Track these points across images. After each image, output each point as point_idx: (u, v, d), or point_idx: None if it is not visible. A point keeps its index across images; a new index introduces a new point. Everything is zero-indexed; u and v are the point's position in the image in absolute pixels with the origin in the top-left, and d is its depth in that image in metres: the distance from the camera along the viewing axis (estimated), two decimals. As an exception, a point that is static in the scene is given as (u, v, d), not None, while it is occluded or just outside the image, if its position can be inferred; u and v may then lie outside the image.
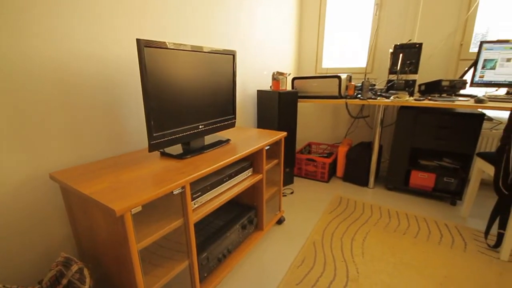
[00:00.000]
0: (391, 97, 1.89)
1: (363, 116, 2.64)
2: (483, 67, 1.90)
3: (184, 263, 0.99)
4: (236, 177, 1.29)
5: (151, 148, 0.99)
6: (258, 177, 1.40)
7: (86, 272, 0.88)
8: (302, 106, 2.99)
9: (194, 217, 0.98)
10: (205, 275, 1.15)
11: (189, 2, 1.48)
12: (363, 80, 2.02)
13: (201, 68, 1.18)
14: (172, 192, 0.86)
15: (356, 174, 2.31)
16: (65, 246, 1.08)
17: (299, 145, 3.07)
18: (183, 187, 0.90)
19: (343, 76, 2.05)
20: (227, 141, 1.37)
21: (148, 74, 0.93)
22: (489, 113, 2.08)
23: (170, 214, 0.95)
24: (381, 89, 2.22)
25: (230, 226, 1.31)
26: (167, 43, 0.99)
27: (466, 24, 2.06)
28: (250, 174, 1.41)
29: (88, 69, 1.06)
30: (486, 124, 2.09)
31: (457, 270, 1.31)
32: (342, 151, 2.37)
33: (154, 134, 0.99)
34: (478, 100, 1.62)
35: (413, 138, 1.96)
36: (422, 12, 2.16)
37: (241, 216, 1.41)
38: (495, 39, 1.89)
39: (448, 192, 1.94)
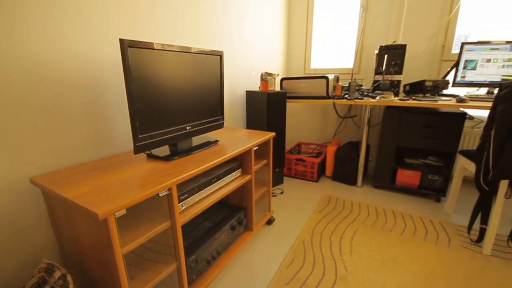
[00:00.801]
0: (377, 97, 1.93)
1: (350, 116, 2.68)
2: (464, 68, 1.96)
3: (172, 266, 0.98)
4: (225, 178, 1.28)
5: (137, 150, 0.97)
6: (247, 178, 1.40)
7: (69, 278, 0.85)
8: (292, 106, 3.01)
9: (181, 219, 0.97)
10: (194, 277, 1.14)
11: (178, 2, 1.46)
12: (350, 80, 2.05)
13: (188, 68, 1.17)
14: (158, 194, 0.85)
15: (344, 173, 2.34)
16: (48, 252, 1.05)
17: (289, 145, 3.09)
18: (169, 189, 0.89)
19: (331, 77, 2.08)
20: (215, 142, 1.37)
21: (132, 74, 0.92)
22: (470, 112, 2.15)
23: (157, 216, 0.93)
24: (368, 89, 2.26)
25: (219, 228, 1.31)
26: (152, 44, 0.98)
27: (448, 26, 2.13)
28: (239, 174, 1.40)
29: (71, 69, 1.03)
30: (468, 123, 2.16)
31: (442, 265, 1.35)
32: (330, 151, 2.40)
33: (140, 136, 0.97)
34: (460, 100, 1.67)
35: (398, 137, 2.00)
36: (406, 14, 2.22)
37: (230, 217, 1.40)
38: (476, 40, 1.95)
39: (433, 189, 1.99)
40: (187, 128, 1.20)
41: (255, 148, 1.41)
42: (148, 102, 1.00)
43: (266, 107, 2.00)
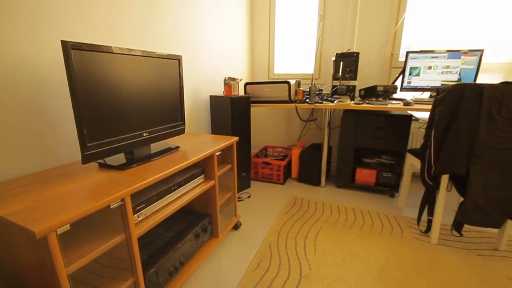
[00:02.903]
0: (335, 101, 2.03)
1: (312, 119, 2.79)
2: (410, 74, 2.16)
3: (128, 281, 0.92)
4: (186, 185, 1.25)
5: (85, 159, 0.91)
6: (210, 184, 1.38)
7: (5, 306, 0.76)
8: (258, 110, 3.05)
9: (137, 231, 0.92)
10: (155, 291, 1.09)
11: (141, 8, 1.41)
12: (310, 85, 2.14)
13: (144, 73, 1.13)
14: (109, 206, 0.80)
15: (309, 175, 2.42)
16: (-20, 279, 0.92)
17: (255, 149, 3.11)
18: (122, 200, 0.84)
19: (292, 82, 2.15)
20: (176, 148, 1.33)
21: (78, 78, 0.86)
22: (416, 114, 2.37)
23: (109, 230, 0.87)
24: (328, 94, 2.37)
25: (182, 237, 1.26)
26: (100, 46, 0.92)
27: (395, 36, 2.33)
28: (201, 181, 1.38)
29: (7, 73, 0.93)
30: (415, 124, 2.38)
31: (396, 256, 1.45)
32: (295, 153, 2.47)
33: (89, 144, 0.91)
34: (406, 103, 1.84)
35: (356, 138, 2.13)
36: (358, 24, 2.39)
37: (194, 225, 1.37)
38: (418, 49, 2.16)
39: (387, 186, 2.15)
40: (144, 134, 1.15)
41: (218, 153, 1.40)
42: (98, 108, 0.94)
43: (230, 112, 2.00)
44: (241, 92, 2.53)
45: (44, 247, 0.67)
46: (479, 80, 2.07)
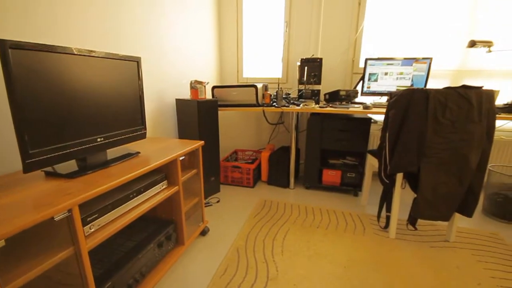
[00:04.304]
0: (301, 105, 2.09)
1: (280, 122, 2.84)
2: (369, 80, 2.30)
3: (79, 299, 0.86)
4: (147, 191, 1.20)
5: (27, 168, 0.83)
6: (173, 189, 1.33)
7: None
8: (228, 115, 3.04)
9: (89, 244, 0.86)
10: (112, 306, 1.02)
11: (108, 9, 1.34)
12: (277, 89, 2.19)
13: (97, 75, 1.07)
14: (53, 218, 0.74)
15: (278, 177, 2.45)
16: None
17: (226, 153, 3.09)
18: (69, 211, 0.78)
19: (259, 85, 2.18)
20: (136, 153, 1.27)
21: (18, 80, 0.78)
22: (374, 117, 2.51)
23: (56, 244, 0.81)
24: (295, 98, 2.44)
25: (142, 246, 1.21)
26: (44, 45, 0.86)
27: (355, 43, 2.47)
28: (164, 187, 1.33)
29: None
30: (374, 126, 2.53)
31: (358, 252, 1.52)
32: (264, 156, 2.49)
33: (31, 151, 0.83)
34: (365, 107, 1.95)
35: (321, 141, 2.21)
36: (322, 31, 2.50)
37: (157, 233, 1.31)
38: (376, 56, 2.31)
39: (351, 186, 2.25)
40: (98, 140, 1.09)
41: (181, 158, 1.37)
42: (43, 112, 0.87)
43: (197, 116, 1.96)
44: (209, 96, 2.51)
45: (-28, 268, 0.60)
46: (430, 86, 2.26)
